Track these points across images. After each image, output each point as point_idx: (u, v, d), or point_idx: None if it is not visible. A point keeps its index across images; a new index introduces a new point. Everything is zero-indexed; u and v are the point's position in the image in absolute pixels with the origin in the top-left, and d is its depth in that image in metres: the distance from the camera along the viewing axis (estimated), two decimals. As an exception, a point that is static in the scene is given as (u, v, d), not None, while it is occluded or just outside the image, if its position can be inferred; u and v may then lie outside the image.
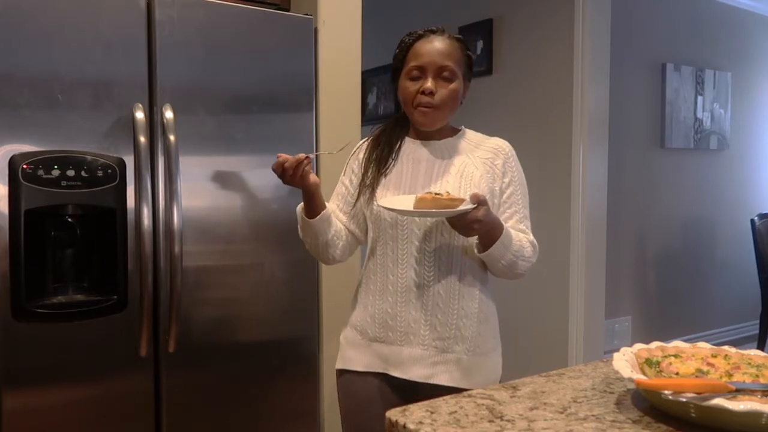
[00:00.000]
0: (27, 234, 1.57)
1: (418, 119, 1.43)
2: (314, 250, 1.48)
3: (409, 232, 1.38)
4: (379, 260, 1.43)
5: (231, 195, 1.85)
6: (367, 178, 1.46)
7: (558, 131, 3.00)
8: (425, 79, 1.39)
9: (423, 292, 1.38)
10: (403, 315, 1.39)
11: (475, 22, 3.40)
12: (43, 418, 1.62)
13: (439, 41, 1.40)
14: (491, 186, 1.42)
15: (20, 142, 1.56)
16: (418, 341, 1.38)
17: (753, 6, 4.26)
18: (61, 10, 1.60)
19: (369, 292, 1.44)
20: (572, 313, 2.97)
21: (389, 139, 1.48)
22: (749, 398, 0.79)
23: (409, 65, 1.41)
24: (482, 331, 1.42)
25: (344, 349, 1.49)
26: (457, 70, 1.41)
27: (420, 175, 1.43)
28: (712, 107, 4.03)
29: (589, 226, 2.93)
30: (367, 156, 1.49)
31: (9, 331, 1.56)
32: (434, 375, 1.38)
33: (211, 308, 1.83)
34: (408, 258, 1.39)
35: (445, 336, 1.38)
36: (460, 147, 1.47)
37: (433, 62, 1.38)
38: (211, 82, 1.81)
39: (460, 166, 1.43)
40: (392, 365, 1.41)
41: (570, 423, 0.83)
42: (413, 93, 1.40)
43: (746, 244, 3.95)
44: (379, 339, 1.42)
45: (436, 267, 1.38)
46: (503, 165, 1.45)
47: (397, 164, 1.46)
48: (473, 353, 1.40)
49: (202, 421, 1.83)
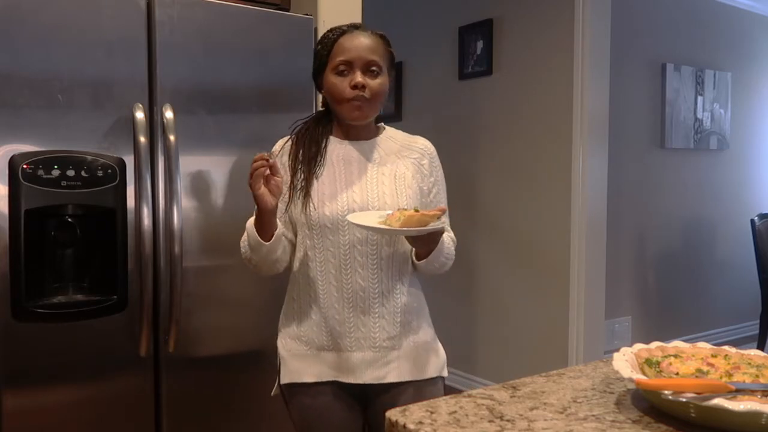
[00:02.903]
0: (27, 234, 1.57)
1: (350, 114, 1.39)
2: (257, 268, 1.40)
3: (351, 237, 1.35)
4: (319, 267, 1.38)
5: (231, 195, 1.85)
6: (297, 181, 1.39)
7: (558, 131, 3.01)
8: (354, 74, 1.37)
9: (370, 296, 1.37)
10: (352, 321, 1.37)
11: (475, 22, 3.40)
12: (43, 418, 1.62)
13: (364, 37, 1.40)
14: (420, 186, 1.44)
15: (20, 142, 1.56)
16: (369, 345, 1.37)
17: (753, 6, 4.26)
18: (61, 10, 1.60)
19: (310, 301, 1.40)
20: (572, 313, 2.97)
21: (315, 139, 1.43)
22: (749, 398, 0.79)
23: (335, 60, 1.38)
24: (422, 323, 1.44)
25: (288, 362, 1.42)
26: (383, 64, 1.40)
27: (354, 177, 1.40)
28: (712, 107, 4.03)
29: (589, 226, 2.94)
30: (293, 157, 1.42)
31: (9, 331, 1.57)
32: (386, 374, 1.38)
33: (211, 308, 1.83)
34: (352, 263, 1.36)
35: (393, 335, 1.39)
36: (388, 147, 1.46)
37: (361, 57, 1.37)
38: (211, 82, 1.81)
39: (392, 167, 1.42)
40: (343, 372, 1.38)
41: (570, 423, 0.83)
42: (343, 88, 1.37)
43: (746, 244, 3.96)
44: (327, 347, 1.39)
45: (379, 269, 1.37)
46: (429, 165, 1.46)
47: (327, 165, 1.41)
48: (419, 345, 1.42)
49: (202, 421, 1.83)
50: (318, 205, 1.36)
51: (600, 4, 2.92)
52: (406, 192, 1.39)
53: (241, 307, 1.88)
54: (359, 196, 1.38)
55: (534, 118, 3.12)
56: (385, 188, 1.39)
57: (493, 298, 3.36)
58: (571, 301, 2.97)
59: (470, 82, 3.46)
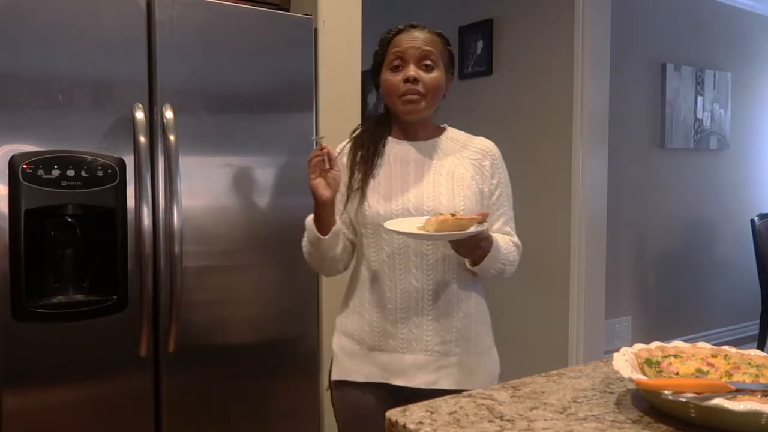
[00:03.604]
0: (27, 234, 1.57)
1: (404, 108, 1.38)
2: (318, 265, 1.43)
3: (405, 237, 1.33)
4: (374, 267, 1.38)
5: (231, 195, 1.85)
6: (354, 182, 1.40)
7: (558, 131, 3.00)
8: (407, 68, 1.36)
9: (423, 297, 1.35)
10: (404, 322, 1.36)
11: (475, 22, 3.40)
12: (43, 418, 1.62)
13: (419, 32, 1.40)
14: (481, 188, 1.40)
15: (20, 142, 1.56)
16: (421, 347, 1.35)
17: (753, 6, 4.26)
18: (61, 9, 1.60)
19: (365, 300, 1.40)
20: (572, 313, 2.97)
21: (373, 139, 1.43)
22: (749, 398, 0.79)
23: (389, 57, 1.39)
24: (480, 331, 1.42)
25: (340, 359, 1.43)
26: (439, 59, 1.39)
27: (410, 177, 1.39)
28: (712, 107, 4.03)
29: (589, 226, 2.93)
30: (351, 158, 1.43)
31: (9, 331, 1.56)
32: (438, 380, 1.35)
33: (211, 308, 1.83)
34: (406, 263, 1.35)
35: (447, 339, 1.36)
36: (448, 147, 1.44)
37: (414, 48, 1.36)
38: (211, 82, 1.81)
39: (450, 168, 1.40)
40: (394, 374, 1.37)
41: (570, 423, 0.83)
42: (397, 83, 1.36)
43: (746, 244, 3.95)
44: (378, 348, 1.38)
45: (434, 270, 1.35)
46: (491, 166, 1.43)
47: (384, 165, 1.41)
48: (473, 353, 1.39)
49: (202, 421, 1.83)
50: (372, 204, 1.37)
51: (600, 4, 2.92)
52: (464, 193, 1.36)
53: (241, 307, 1.88)
54: (414, 196, 1.36)
55: (534, 118, 3.12)
56: (441, 188, 1.37)
57: (493, 298, 3.35)
58: (571, 301, 2.97)
59: (470, 82, 3.46)
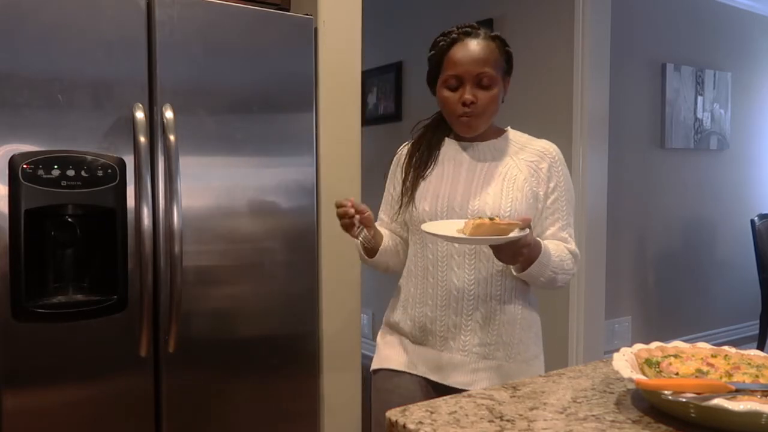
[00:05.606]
0: (27, 234, 1.57)
1: (461, 129, 1.40)
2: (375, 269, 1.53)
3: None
4: (419, 262, 1.40)
5: (231, 195, 1.85)
6: (407, 182, 1.45)
7: (558, 131, 3.00)
8: (464, 89, 1.35)
9: (463, 296, 1.35)
10: (443, 319, 1.36)
11: (475, 22, 3.40)
12: (43, 418, 1.62)
13: (474, 44, 1.36)
14: (535, 190, 1.38)
15: (20, 142, 1.56)
16: (458, 347, 1.35)
17: (753, 6, 4.26)
18: (61, 9, 1.60)
19: (409, 295, 1.43)
20: (572, 313, 2.97)
21: (429, 142, 1.46)
22: (749, 398, 0.78)
23: (445, 74, 1.37)
24: (524, 338, 1.40)
25: (381, 350, 1.47)
26: (496, 74, 1.37)
27: (461, 178, 1.40)
28: (712, 107, 4.03)
29: (589, 226, 2.93)
30: (407, 160, 1.48)
31: (9, 331, 1.56)
32: (474, 382, 1.34)
33: (211, 308, 1.83)
34: (448, 261, 1.36)
35: (486, 342, 1.35)
36: (504, 149, 1.43)
37: (470, 71, 1.34)
38: (211, 82, 1.81)
39: (503, 169, 1.39)
40: (432, 369, 1.38)
41: (570, 423, 0.83)
42: (453, 104, 1.37)
43: (746, 244, 3.95)
44: (418, 342, 1.40)
45: (477, 270, 1.35)
46: (549, 169, 1.41)
47: (438, 166, 1.44)
48: (515, 360, 1.37)
49: (202, 421, 1.83)
50: (419, 204, 1.40)
51: (600, 4, 2.92)
52: (513, 195, 1.35)
53: (241, 307, 1.88)
54: (461, 195, 1.37)
55: (534, 118, 3.11)
56: (489, 189, 1.36)
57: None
58: (571, 301, 2.97)
59: (470, 82, 3.45)
